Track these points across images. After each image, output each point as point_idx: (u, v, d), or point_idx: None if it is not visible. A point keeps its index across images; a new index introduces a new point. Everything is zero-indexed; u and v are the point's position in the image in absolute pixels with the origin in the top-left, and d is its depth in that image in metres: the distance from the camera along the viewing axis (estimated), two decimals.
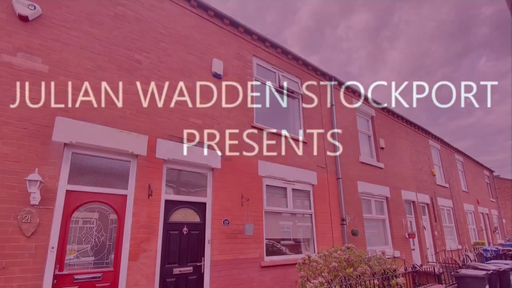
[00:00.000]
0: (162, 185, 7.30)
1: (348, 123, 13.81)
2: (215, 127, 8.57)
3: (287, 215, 10.11)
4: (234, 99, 9.34)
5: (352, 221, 11.83)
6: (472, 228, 23.86)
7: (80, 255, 6.09)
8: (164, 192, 7.37)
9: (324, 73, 13.02)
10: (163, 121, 7.58)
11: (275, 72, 11.29)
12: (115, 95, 6.96)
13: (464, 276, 8.82)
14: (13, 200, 5.30)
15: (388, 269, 6.86)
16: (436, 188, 19.28)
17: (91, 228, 6.34)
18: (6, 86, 5.66)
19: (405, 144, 17.74)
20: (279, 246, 9.58)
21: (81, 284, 5.86)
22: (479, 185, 28.00)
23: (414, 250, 15.56)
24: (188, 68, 8.46)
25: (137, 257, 6.43)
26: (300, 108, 11.82)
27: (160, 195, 7.19)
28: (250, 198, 8.71)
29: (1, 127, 5.45)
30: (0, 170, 5.30)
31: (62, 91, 6.25)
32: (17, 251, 5.17)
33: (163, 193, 7.33)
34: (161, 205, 7.22)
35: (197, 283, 7.46)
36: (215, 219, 7.93)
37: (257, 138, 9.58)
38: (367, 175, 13.72)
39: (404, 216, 15.13)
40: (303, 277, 6.63)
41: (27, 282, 5.14)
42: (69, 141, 6.08)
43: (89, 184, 6.45)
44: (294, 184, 10.35)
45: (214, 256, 7.64)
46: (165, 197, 7.40)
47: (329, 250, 7.36)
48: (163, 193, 7.33)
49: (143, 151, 7.05)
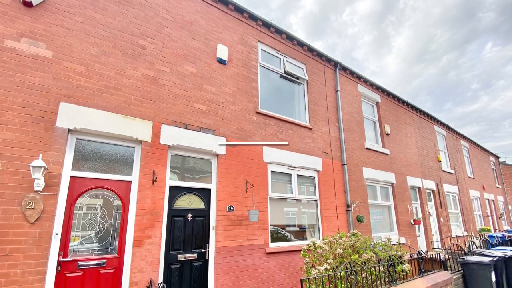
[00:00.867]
0: (166, 171, 7.27)
1: (353, 109, 13.73)
2: (220, 113, 8.53)
3: (292, 201, 10.06)
4: (239, 85, 9.28)
5: (358, 207, 11.80)
6: (478, 215, 23.79)
7: (84, 241, 6.07)
8: (168, 178, 7.35)
9: (329, 59, 12.95)
10: (167, 107, 7.54)
11: (280, 58, 11.22)
12: (119, 81, 6.93)
13: (469, 262, 8.79)
14: (17, 186, 5.28)
15: (394, 256, 6.82)
16: (442, 174, 19.21)
17: (95, 214, 6.32)
18: (10, 71, 5.64)
19: (410, 130, 17.64)
20: (284, 233, 9.56)
21: (85, 270, 5.85)
22: (485, 171, 27.89)
23: (420, 237, 15.54)
24: (192, 53, 8.40)
25: (141, 244, 6.42)
26: (305, 94, 11.76)
27: (165, 181, 7.15)
28: (255, 185, 8.69)
29: (5, 113, 5.44)
30: (4, 156, 5.28)
31: (66, 76, 6.22)
32: (21, 237, 5.15)
33: (167, 179, 7.30)
34: (166, 191, 7.20)
35: (202, 269, 7.46)
36: (220, 206, 7.90)
37: (262, 124, 9.53)
38: (373, 161, 13.67)
39: (409, 203, 15.08)
40: (308, 263, 6.60)
41: (31, 268, 5.13)
42: (73, 127, 6.05)
43: (93, 171, 6.43)
44: (299, 170, 10.31)
45: (218, 243, 7.62)
46: (170, 183, 7.38)
47: (334, 236, 7.32)
48: (167, 179, 7.30)
49: (148, 137, 7.01)
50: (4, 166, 5.24)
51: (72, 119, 6.05)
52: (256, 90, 9.75)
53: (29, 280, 5.08)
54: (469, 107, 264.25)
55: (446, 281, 7.59)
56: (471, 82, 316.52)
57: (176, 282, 7.04)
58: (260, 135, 9.35)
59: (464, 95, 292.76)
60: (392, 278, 6.48)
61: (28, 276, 5.09)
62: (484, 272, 8.43)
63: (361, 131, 13.70)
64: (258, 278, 8.09)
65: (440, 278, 7.49)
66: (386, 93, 16.47)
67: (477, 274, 8.58)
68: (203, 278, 7.43)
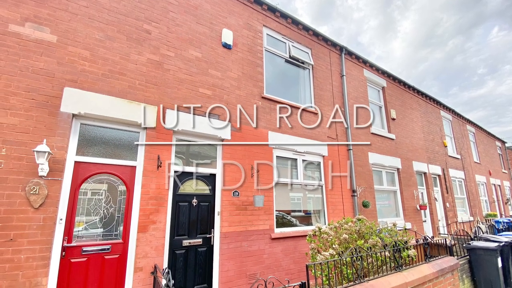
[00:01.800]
0: (171, 157, 7.24)
1: (359, 93, 13.65)
2: (225, 98, 8.48)
3: (298, 186, 10.02)
4: (244, 70, 9.23)
5: (363, 192, 11.77)
6: (484, 200, 23.73)
7: (88, 227, 6.07)
8: (173, 164, 7.32)
9: (335, 43, 12.84)
10: (172, 92, 7.51)
11: (285, 43, 11.13)
12: (124, 66, 6.91)
13: (476, 248, 8.75)
14: (21, 171, 5.28)
15: (399, 241, 6.79)
16: (448, 159, 19.15)
17: (100, 199, 6.31)
18: (14, 56, 5.64)
19: (416, 115, 17.54)
20: (289, 218, 9.55)
21: (89, 256, 5.85)
22: (491, 156, 27.77)
23: (426, 222, 15.52)
24: (197, 38, 8.34)
25: (146, 229, 6.42)
26: (311, 79, 11.67)
27: (170, 166, 7.14)
28: (260, 170, 8.66)
29: (9, 97, 5.43)
30: (8, 141, 5.27)
31: (70, 61, 6.21)
32: (25, 222, 5.15)
33: (172, 165, 7.27)
34: (171, 176, 7.17)
35: (207, 255, 7.45)
36: (225, 191, 7.88)
37: (268, 109, 9.48)
38: (378, 146, 13.61)
39: (415, 188, 15.05)
40: (313, 249, 6.57)
41: (35, 254, 5.13)
42: (78, 112, 6.03)
43: (98, 156, 6.41)
44: (305, 155, 10.26)
45: (223, 228, 7.62)
46: (175, 168, 7.36)
47: (340, 222, 7.29)
48: (172, 164, 7.27)
49: (152, 122, 6.99)
50: (8, 151, 5.24)
51: (76, 104, 6.03)
52: (261, 75, 9.69)
53: (33, 266, 5.09)
54: (475, 92, 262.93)
55: (452, 267, 7.56)
56: (477, 67, 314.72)
57: (181, 268, 7.04)
58: (265, 120, 9.29)
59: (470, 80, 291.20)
60: (398, 264, 6.45)
61: (32, 262, 5.09)
62: (490, 258, 8.39)
63: (367, 116, 13.59)
64: (263, 264, 8.09)
65: (446, 263, 7.46)
66: (392, 78, 16.36)
67: (483, 259, 8.55)
68: (208, 264, 7.43)
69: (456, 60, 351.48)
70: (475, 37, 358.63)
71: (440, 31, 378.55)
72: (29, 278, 5.03)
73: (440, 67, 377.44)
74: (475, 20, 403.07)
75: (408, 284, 6.05)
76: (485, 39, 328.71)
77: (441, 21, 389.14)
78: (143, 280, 6.15)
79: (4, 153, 5.20)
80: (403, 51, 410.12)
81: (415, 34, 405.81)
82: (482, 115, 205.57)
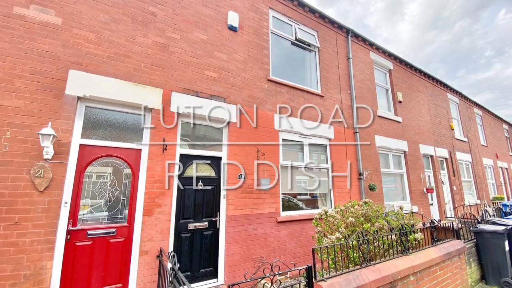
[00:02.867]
0: (177, 139, 7.19)
1: (365, 76, 13.55)
2: (231, 81, 8.42)
3: (304, 169, 9.97)
4: (250, 52, 9.16)
5: (370, 175, 11.73)
6: (491, 183, 23.68)
7: (93, 210, 6.06)
8: (179, 146, 7.28)
9: (341, 26, 12.73)
10: (178, 75, 7.46)
11: (292, 25, 11.04)
12: (129, 48, 6.88)
13: (483, 231, 8.72)
14: (25, 154, 5.27)
15: (406, 225, 6.76)
16: (455, 142, 19.05)
17: (105, 183, 6.30)
18: (19, 39, 5.62)
19: (423, 97, 17.44)
20: (295, 201, 9.52)
21: (94, 239, 5.85)
22: (498, 139, 27.63)
23: (432, 205, 15.49)
24: (203, 20, 8.28)
25: (151, 212, 6.41)
26: (317, 61, 11.58)
27: (175, 149, 7.11)
28: (266, 153, 8.61)
29: (14, 80, 5.41)
30: (12, 124, 5.25)
31: (75, 44, 6.18)
32: (29, 206, 5.14)
33: (178, 148, 7.23)
34: (176, 159, 7.14)
35: (213, 238, 7.46)
36: (231, 174, 7.86)
37: (274, 92, 9.42)
38: (385, 129, 13.53)
39: (422, 171, 15.00)
40: (320, 232, 6.56)
41: (40, 237, 5.13)
42: (83, 95, 6.01)
43: (103, 138, 6.39)
44: (311, 138, 10.21)
45: (229, 211, 7.61)
46: (180, 151, 7.32)
47: (346, 205, 7.27)
48: (178, 147, 7.23)
49: (158, 105, 6.95)
50: (13, 134, 5.22)
51: (81, 87, 6.00)
52: (267, 58, 9.61)
53: (38, 249, 5.09)
54: (482, 74, 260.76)
55: (459, 250, 7.54)
56: (484, 49, 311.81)
57: (187, 251, 7.05)
58: (271, 102, 9.23)
59: (478, 63, 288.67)
60: (404, 247, 6.42)
61: (37, 245, 5.09)
62: (498, 241, 8.36)
63: (373, 99, 13.53)
64: (269, 247, 8.09)
65: (453, 247, 7.44)
66: (398, 60, 16.24)
67: (490, 243, 8.52)
68: (214, 247, 7.44)
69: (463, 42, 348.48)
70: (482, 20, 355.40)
71: (447, 13, 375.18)
72: (34, 262, 5.03)
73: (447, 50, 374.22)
74: (482, 2, 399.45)
75: (415, 268, 6.03)
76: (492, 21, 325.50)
77: (448, 3, 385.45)
78: (148, 264, 6.15)
79: (9, 136, 5.18)
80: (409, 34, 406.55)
81: (422, 17, 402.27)
82: (489, 97, 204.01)
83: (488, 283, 8.45)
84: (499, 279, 8.22)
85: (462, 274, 7.57)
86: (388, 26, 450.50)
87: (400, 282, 5.74)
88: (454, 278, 7.25)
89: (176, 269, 4.36)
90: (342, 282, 4.85)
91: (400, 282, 5.73)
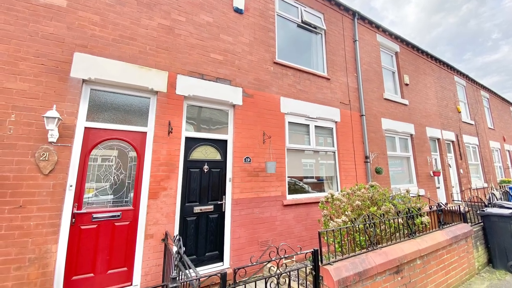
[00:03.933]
0: (182, 122, 7.16)
1: (372, 59, 13.42)
2: (237, 63, 8.36)
3: (310, 152, 9.95)
4: (256, 35, 9.08)
5: (376, 159, 11.68)
6: (498, 166, 23.57)
7: (99, 193, 6.05)
8: (184, 129, 7.25)
9: (347, 8, 12.57)
10: (183, 57, 7.41)
11: (298, 7, 10.92)
12: (135, 31, 6.85)
13: (489, 214, 8.68)
14: (30, 137, 5.26)
15: (413, 208, 6.73)
16: (462, 125, 18.93)
17: (110, 166, 6.29)
18: (24, 21, 5.60)
19: (429, 80, 17.29)
20: (301, 184, 9.49)
21: (100, 223, 5.86)
22: (505, 122, 27.44)
23: (439, 189, 15.44)
24: (208, 2, 8.21)
25: (157, 196, 6.39)
26: (323, 44, 11.48)
27: (181, 132, 7.07)
28: (272, 136, 8.57)
29: (19, 63, 5.40)
30: (17, 107, 5.24)
31: (80, 26, 6.16)
32: (34, 189, 5.14)
33: (183, 130, 7.20)
34: (182, 142, 7.14)
35: (218, 222, 7.45)
36: (237, 157, 7.83)
37: (280, 74, 9.34)
38: (391, 112, 13.44)
39: (429, 154, 14.92)
40: (326, 215, 6.53)
41: (44, 220, 5.13)
42: (88, 77, 5.99)
43: (108, 121, 6.37)
44: (317, 121, 10.15)
45: (235, 195, 7.59)
46: (186, 134, 7.30)
47: (352, 188, 7.23)
48: (183, 130, 7.20)
49: (163, 88, 6.92)
50: (18, 117, 5.20)
51: (86, 69, 5.99)
52: (273, 40, 9.53)
53: (43, 233, 5.09)
54: (489, 57, 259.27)
55: (466, 234, 7.51)
56: (491, 32, 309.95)
57: (192, 235, 7.04)
58: (277, 85, 9.16)
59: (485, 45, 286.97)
60: (411, 231, 6.40)
61: (42, 229, 5.10)
62: (505, 225, 8.32)
63: (380, 82, 13.42)
64: (275, 231, 8.08)
65: (460, 230, 7.41)
66: (405, 43, 16.08)
67: (497, 226, 8.48)
68: (220, 231, 7.44)
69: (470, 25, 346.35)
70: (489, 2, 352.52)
71: None
72: (39, 245, 5.04)
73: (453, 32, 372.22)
74: None
75: (422, 251, 6.01)
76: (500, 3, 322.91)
77: None
78: (153, 247, 6.15)
79: (14, 119, 5.16)
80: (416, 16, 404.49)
81: None
82: (496, 80, 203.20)
83: (495, 266, 8.41)
84: (506, 263, 8.19)
85: (469, 257, 7.55)
86: (395, 9, 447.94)
87: (407, 266, 5.72)
88: (461, 261, 7.23)
89: (182, 252, 4.34)
90: (349, 266, 4.83)
91: (406, 265, 5.71)
